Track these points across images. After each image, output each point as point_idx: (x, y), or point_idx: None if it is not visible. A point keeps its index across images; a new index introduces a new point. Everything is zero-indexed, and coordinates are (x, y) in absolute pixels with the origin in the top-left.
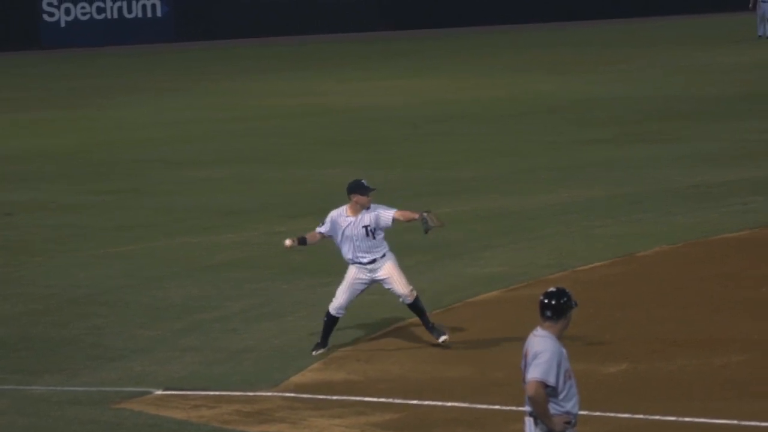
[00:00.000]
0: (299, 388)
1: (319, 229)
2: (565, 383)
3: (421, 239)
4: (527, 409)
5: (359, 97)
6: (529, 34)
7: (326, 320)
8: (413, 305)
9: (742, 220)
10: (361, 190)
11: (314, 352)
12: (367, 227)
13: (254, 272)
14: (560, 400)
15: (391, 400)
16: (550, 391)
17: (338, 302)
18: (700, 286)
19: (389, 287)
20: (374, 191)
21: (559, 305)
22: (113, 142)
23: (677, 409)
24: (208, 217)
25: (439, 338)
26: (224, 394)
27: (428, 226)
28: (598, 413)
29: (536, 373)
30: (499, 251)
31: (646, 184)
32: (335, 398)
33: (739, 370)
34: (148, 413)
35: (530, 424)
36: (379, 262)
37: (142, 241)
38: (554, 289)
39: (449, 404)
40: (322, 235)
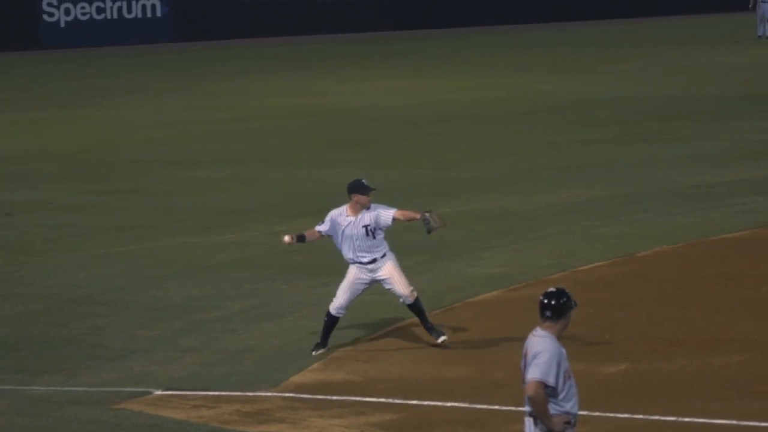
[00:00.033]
0: (299, 388)
1: (318, 227)
2: (564, 383)
3: (421, 239)
4: (527, 409)
5: (359, 97)
6: (529, 34)
7: (326, 320)
8: (413, 306)
9: (742, 220)
10: (361, 189)
11: (314, 352)
12: (367, 227)
13: (254, 272)
14: (560, 400)
15: (390, 400)
16: (549, 391)
17: (339, 302)
18: (700, 286)
19: (389, 287)
20: (374, 191)
21: (558, 305)
22: (113, 142)
23: (677, 409)
24: (208, 217)
25: (438, 339)
26: (224, 394)
27: (431, 226)
28: (597, 413)
29: (536, 373)
30: (499, 251)
31: (646, 184)
32: (335, 398)
33: (739, 370)
34: (147, 413)
35: (530, 424)
36: (379, 261)
37: (142, 241)
38: (554, 289)
39: (449, 404)
40: (320, 234)
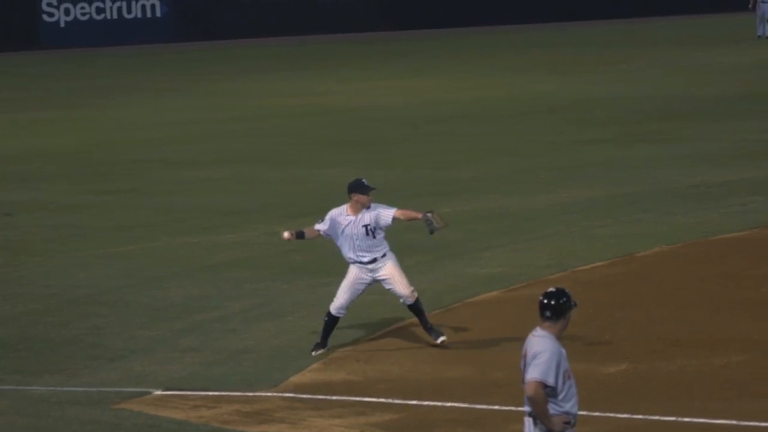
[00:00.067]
0: (299, 388)
1: (317, 225)
2: (564, 383)
3: (422, 239)
4: (526, 409)
5: (359, 97)
6: (529, 34)
7: (327, 320)
8: (413, 306)
9: (741, 220)
10: (361, 189)
11: (314, 352)
12: (367, 226)
13: (254, 272)
14: (559, 400)
15: (390, 400)
16: (549, 391)
17: (339, 302)
18: (700, 286)
19: (390, 288)
20: (375, 190)
21: (558, 305)
22: (113, 142)
23: (677, 409)
24: (208, 217)
25: (437, 339)
26: (224, 394)
27: (433, 227)
28: (597, 413)
29: (535, 373)
30: (499, 251)
31: (646, 184)
32: (335, 398)
33: (739, 370)
34: (147, 413)
35: (529, 424)
36: (380, 261)
37: (142, 241)
38: (554, 289)
39: (449, 404)
40: (319, 232)
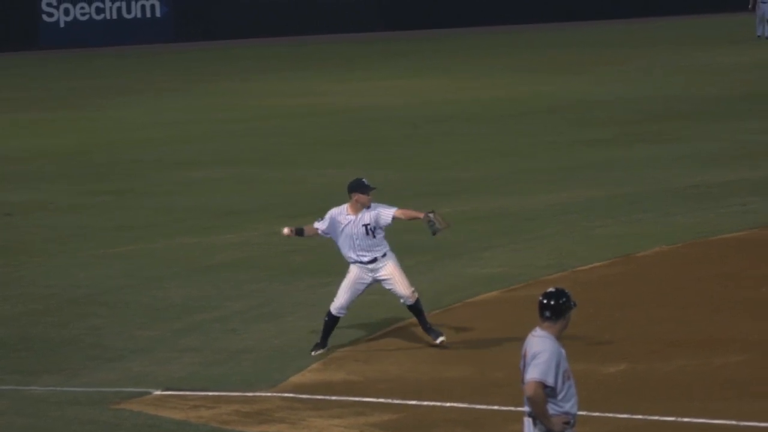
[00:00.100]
0: (298, 388)
1: (316, 224)
2: (563, 383)
3: (422, 239)
4: (526, 409)
5: (359, 97)
6: (529, 34)
7: (327, 320)
8: (413, 306)
9: (741, 220)
10: (361, 188)
11: (313, 352)
12: (367, 226)
13: (254, 273)
14: (559, 400)
15: (390, 400)
16: (548, 391)
17: (339, 302)
18: (699, 286)
19: (390, 288)
20: (375, 190)
21: (558, 305)
22: (113, 142)
23: (676, 409)
24: (207, 217)
25: (436, 339)
26: (223, 394)
27: (435, 228)
28: (597, 413)
29: (535, 373)
30: (498, 251)
31: (646, 184)
32: (334, 398)
33: (738, 370)
34: (147, 413)
35: (529, 424)
36: (380, 261)
37: (142, 241)
38: (553, 289)
39: (448, 404)
40: (317, 231)
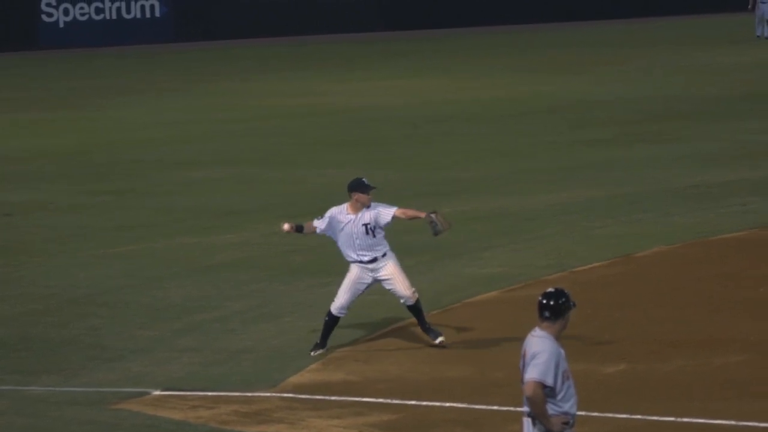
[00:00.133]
0: (297, 388)
1: (316, 222)
2: (563, 384)
3: (422, 239)
4: (525, 409)
5: (359, 97)
6: (529, 34)
7: (327, 320)
8: (413, 306)
9: (741, 220)
10: (361, 188)
11: (313, 352)
12: (366, 225)
13: (254, 273)
14: (558, 400)
15: (389, 400)
16: (548, 391)
17: (340, 302)
18: (698, 286)
19: (391, 288)
20: (375, 189)
21: (557, 306)
22: (113, 142)
23: (676, 409)
24: (207, 217)
25: (435, 339)
26: (222, 394)
27: (438, 229)
28: (596, 414)
29: (534, 373)
30: (498, 251)
31: (646, 184)
32: (333, 399)
33: (738, 370)
34: (146, 414)
35: (528, 424)
36: (380, 261)
37: (142, 241)
38: (553, 289)
39: (447, 405)
40: (315, 229)
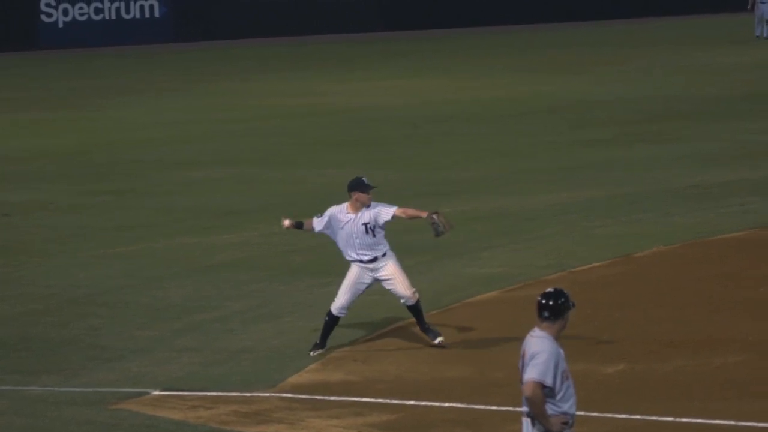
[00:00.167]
0: (297, 388)
1: (315, 220)
2: (562, 384)
3: (422, 239)
4: (524, 409)
5: (359, 97)
6: (529, 34)
7: (327, 320)
8: (413, 307)
9: (741, 220)
10: (361, 187)
11: (312, 352)
12: (366, 224)
13: (254, 273)
14: (557, 400)
15: (388, 400)
16: (547, 391)
17: (340, 302)
18: (698, 286)
19: (391, 288)
20: (375, 189)
21: (556, 306)
22: (113, 142)
23: (676, 409)
24: (207, 217)
25: (434, 339)
26: (222, 394)
27: (440, 230)
28: (595, 414)
29: (533, 373)
30: (498, 251)
31: (645, 184)
32: (333, 399)
33: (737, 370)
34: (145, 414)
35: (527, 424)
36: (380, 261)
37: (142, 241)
38: (552, 289)
39: (447, 405)
40: (313, 228)
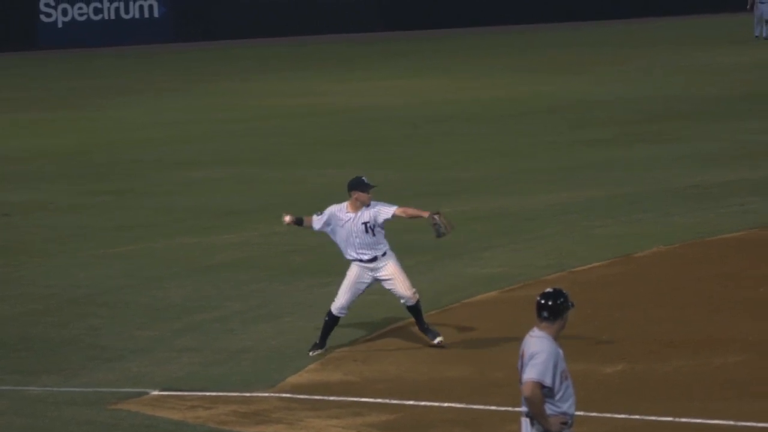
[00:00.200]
0: (296, 388)
1: (315, 218)
2: (561, 384)
3: (422, 239)
4: (524, 409)
5: (359, 97)
6: (529, 34)
7: (327, 320)
8: (413, 307)
9: (741, 220)
10: (361, 187)
11: (312, 352)
12: (366, 224)
13: (254, 273)
14: (557, 400)
15: (387, 400)
16: (546, 391)
17: (340, 302)
18: (698, 286)
19: (391, 288)
20: (375, 188)
21: (555, 306)
22: (113, 142)
23: (675, 409)
24: (207, 217)
25: (434, 340)
26: (221, 394)
27: (441, 232)
28: (595, 414)
29: (533, 373)
30: (498, 251)
31: (645, 184)
32: (332, 399)
33: (737, 370)
34: (144, 414)
35: (527, 424)
36: (380, 260)
37: (141, 241)
38: (551, 289)
39: (446, 405)
40: (312, 226)
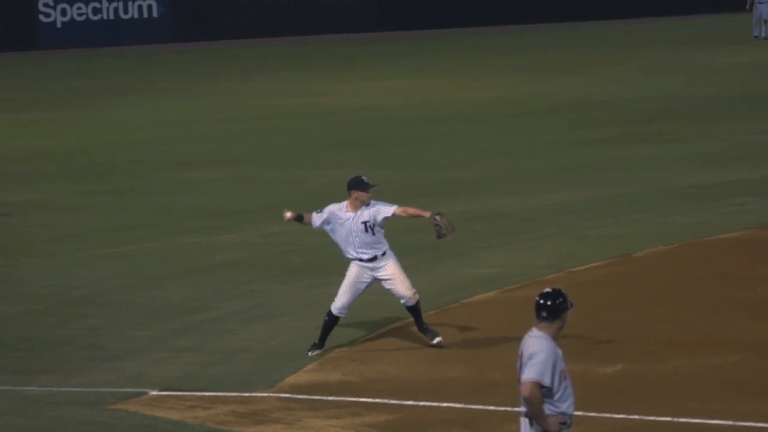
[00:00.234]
0: (295, 388)
1: (315, 216)
2: (560, 384)
3: (422, 239)
4: (522, 409)
5: (359, 97)
6: (529, 34)
7: (327, 320)
8: (413, 307)
9: (740, 220)
10: (361, 186)
11: (310, 352)
12: (366, 223)
13: (253, 273)
14: (555, 400)
15: (386, 400)
16: (545, 391)
17: (340, 302)
18: (696, 286)
19: (391, 288)
20: (374, 188)
21: (554, 306)
22: (112, 142)
23: (673, 409)
24: (207, 217)
25: (433, 340)
26: (220, 394)
27: (442, 233)
28: (593, 414)
29: (531, 373)
30: (498, 251)
31: (645, 184)
32: (331, 399)
33: (735, 370)
34: (143, 414)
35: (525, 424)
36: (380, 260)
37: (141, 241)
38: (550, 289)
39: (445, 405)
40: (312, 223)
